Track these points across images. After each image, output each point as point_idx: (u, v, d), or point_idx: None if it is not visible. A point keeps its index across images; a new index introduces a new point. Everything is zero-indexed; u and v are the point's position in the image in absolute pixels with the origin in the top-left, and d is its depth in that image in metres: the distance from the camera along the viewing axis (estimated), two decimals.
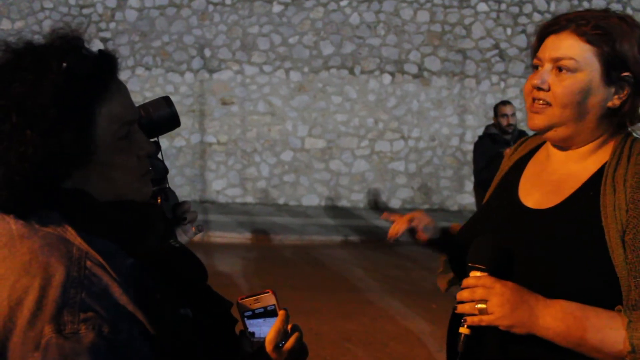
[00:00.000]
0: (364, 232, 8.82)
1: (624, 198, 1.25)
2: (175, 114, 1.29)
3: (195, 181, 10.70)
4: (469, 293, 1.26)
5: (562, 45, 1.30)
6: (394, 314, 5.28)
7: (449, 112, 10.77)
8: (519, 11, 10.77)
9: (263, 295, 1.11)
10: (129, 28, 10.55)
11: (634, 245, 1.23)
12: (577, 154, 1.38)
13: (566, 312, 1.22)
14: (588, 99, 1.30)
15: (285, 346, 1.10)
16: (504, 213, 1.47)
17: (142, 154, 1.10)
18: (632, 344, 1.18)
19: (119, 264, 1.01)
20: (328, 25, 10.61)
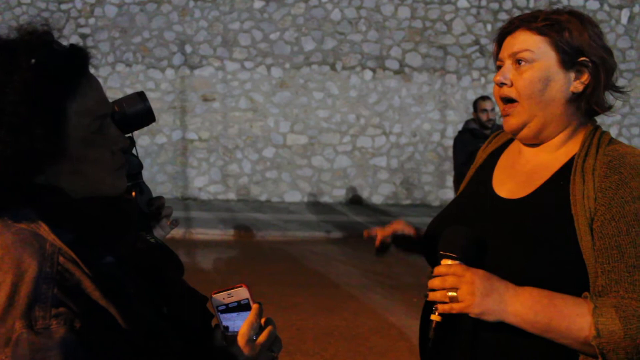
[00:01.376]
0: (345, 227, 8.85)
1: (593, 187, 1.29)
2: (150, 109, 1.29)
3: (177, 178, 10.65)
4: (440, 281, 1.28)
5: (517, 42, 1.37)
6: (376, 308, 5.31)
7: (430, 108, 10.82)
8: (498, 7, 10.84)
9: (236, 289, 1.12)
10: (108, 24, 10.46)
11: (601, 232, 1.26)
12: (549, 145, 1.42)
13: (534, 299, 1.24)
14: (549, 85, 1.35)
15: (259, 339, 1.11)
16: (477, 203, 1.50)
17: (115, 148, 1.10)
18: (597, 329, 1.20)
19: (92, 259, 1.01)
20: (309, 21, 10.61)
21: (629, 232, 1.24)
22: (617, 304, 1.22)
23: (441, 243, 1.33)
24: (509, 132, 1.45)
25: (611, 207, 1.26)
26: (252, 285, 4.07)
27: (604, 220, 1.26)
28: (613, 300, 1.23)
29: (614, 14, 11.00)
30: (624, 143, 1.38)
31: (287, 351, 4.30)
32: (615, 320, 1.20)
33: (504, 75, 1.38)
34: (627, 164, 1.29)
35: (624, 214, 1.25)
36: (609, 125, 10.84)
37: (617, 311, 1.21)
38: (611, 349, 1.20)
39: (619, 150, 1.33)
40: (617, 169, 1.28)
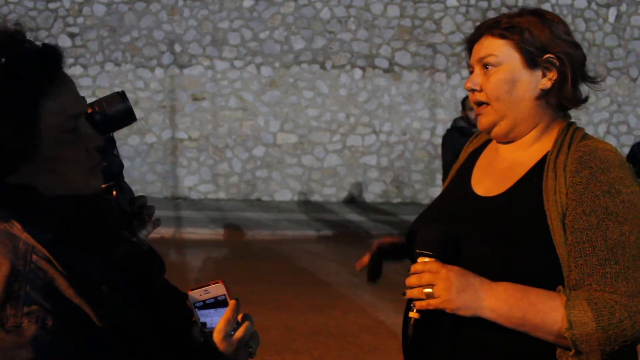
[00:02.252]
0: (336, 226, 8.86)
1: (564, 183, 1.31)
2: (130, 109, 1.29)
3: (167, 178, 10.63)
4: (417, 278, 1.30)
5: (482, 47, 1.42)
6: (366, 306, 5.33)
7: (420, 106, 10.85)
8: (487, 6, 10.88)
9: (213, 286, 1.12)
10: (97, 23, 10.42)
11: (573, 227, 1.28)
12: (523, 142, 1.45)
13: (508, 294, 1.27)
14: (516, 86, 1.39)
15: (235, 335, 1.11)
16: (456, 201, 1.53)
17: (90, 147, 1.10)
18: (569, 321, 1.22)
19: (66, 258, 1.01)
20: (299, 20, 10.61)
21: (599, 225, 1.26)
22: (590, 297, 1.24)
23: (417, 242, 1.36)
24: (482, 130, 1.50)
25: (582, 202, 1.28)
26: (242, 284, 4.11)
27: (576, 215, 1.28)
28: (586, 293, 1.26)
29: (602, 13, 11.06)
30: (596, 138, 1.40)
31: (277, 350, 4.31)
32: (587, 313, 1.22)
33: (473, 81, 1.43)
34: (597, 159, 1.31)
35: (594, 208, 1.27)
36: (597, 123, 10.92)
37: (590, 304, 1.23)
38: (584, 341, 1.22)
39: (590, 145, 1.35)
40: (588, 164, 1.30)
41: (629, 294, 1.23)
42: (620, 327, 1.22)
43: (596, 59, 10.93)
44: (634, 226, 1.26)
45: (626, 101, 11.16)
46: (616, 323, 1.21)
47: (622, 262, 1.24)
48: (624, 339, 1.23)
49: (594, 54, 10.92)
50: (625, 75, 11.15)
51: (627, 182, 1.30)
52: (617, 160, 1.32)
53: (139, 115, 10.43)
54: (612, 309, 1.22)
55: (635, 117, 11.03)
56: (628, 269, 1.24)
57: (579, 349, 1.23)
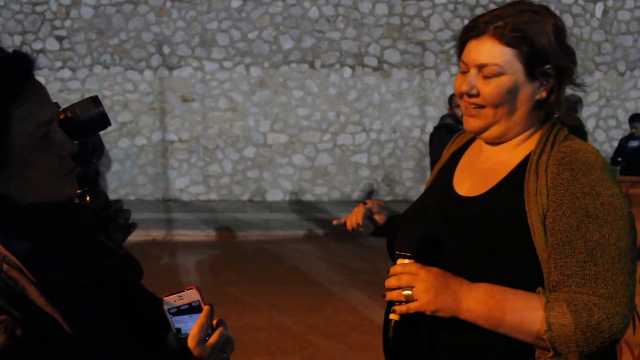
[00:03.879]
0: (327, 225, 8.85)
1: (545, 184, 1.30)
2: (104, 114, 1.29)
3: (158, 180, 10.60)
4: (396, 280, 1.30)
5: (483, 50, 1.34)
6: (356, 305, 5.34)
7: (410, 104, 10.87)
8: (475, 2, 10.91)
9: (187, 292, 1.13)
10: (85, 25, 10.38)
11: (553, 228, 1.28)
12: (509, 144, 1.43)
13: (488, 295, 1.26)
14: (517, 97, 1.35)
15: (209, 341, 1.11)
16: (437, 201, 1.52)
17: (63, 154, 1.09)
18: (548, 323, 1.22)
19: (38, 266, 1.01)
20: (287, 20, 10.60)
21: (579, 227, 1.26)
22: (569, 299, 1.24)
23: (397, 243, 1.35)
24: (470, 132, 1.46)
25: (562, 204, 1.28)
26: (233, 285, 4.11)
27: (556, 217, 1.28)
28: (565, 294, 1.25)
29: (589, 8, 11.10)
30: (578, 139, 1.39)
31: (268, 350, 4.31)
32: (566, 314, 1.22)
33: (470, 85, 1.36)
34: (579, 160, 1.30)
35: (574, 210, 1.27)
36: (586, 118, 10.96)
37: (569, 305, 1.23)
38: (562, 342, 1.22)
39: (572, 146, 1.34)
40: (569, 166, 1.30)
41: (607, 295, 1.23)
42: (598, 328, 1.22)
43: (584, 54, 10.97)
44: (614, 228, 1.26)
45: (614, 95, 11.21)
46: (594, 325, 1.22)
47: (601, 264, 1.24)
48: (602, 340, 1.23)
49: (581, 49, 10.96)
50: (613, 69, 11.20)
51: (607, 184, 1.29)
52: (599, 162, 1.31)
53: (128, 118, 10.41)
54: (590, 311, 1.22)
55: (624, 111, 11.08)
56: (607, 271, 1.24)
57: (558, 350, 1.23)
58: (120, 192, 10.26)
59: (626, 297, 1.25)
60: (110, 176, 10.26)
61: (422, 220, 1.46)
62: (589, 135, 10.76)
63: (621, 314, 1.24)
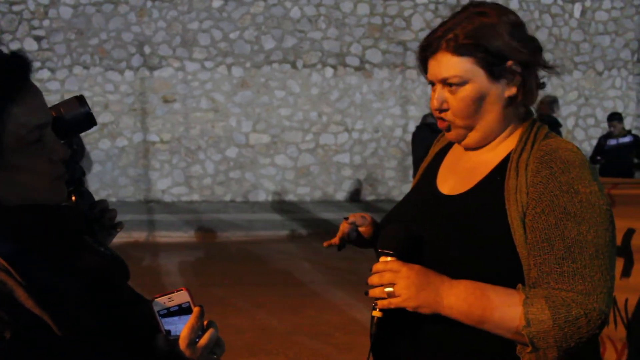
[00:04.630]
0: (310, 225, 8.87)
1: (525, 182, 1.32)
2: (90, 114, 1.27)
3: (139, 181, 10.53)
4: (378, 277, 1.31)
5: (442, 66, 1.36)
6: (340, 305, 5.34)
7: (392, 104, 10.91)
8: (456, 2, 10.98)
9: (177, 293, 1.12)
10: (64, 25, 10.28)
11: (532, 226, 1.29)
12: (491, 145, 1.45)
13: (468, 292, 1.28)
14: (485, 101, 1.37)
15: (200, 342, 1.11)
16: (421, 200, 1.53)
17: (55, 158, 1.09)
18: (527, 319, 1.24)
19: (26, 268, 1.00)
20: (269, 20, 10.59)
21: (557, 225, 1.28)
22: (548, 295, 1.26)
23: (379, 241, 1.37)
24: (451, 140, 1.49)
25: (541, 201, 1.30)
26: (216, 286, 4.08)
27: (535, 214, 1.30)
28: (544, 291, 1.27)
29: (567, 8, 11.23)
30: (559, 137, 1.41)
31: (251, 352, 4.30)
32: (544, 310, 1.24)
33: (440, 100, 1.39)
34: (558, 159, 1.32)
35: (553, 207, 1.28)
36: (565, 117, 11.09)
37: (547, 301, 1.25)
38: (541, 338, 1.24)
39: (552, 145, 1.35)
40: (548, 164, 1.32)
41: (585, 292, 1.25)
42: (576, 324, 1.24)
43: (563, 54, 11.10)
44: (592, 226, 1.28)
45: (593, 94, 11.36)
46: (572, 320, 1.23)
47: (579, 260, 1.26)
48: (580, 335, 1.25)
49: (560, 48, 11.09)
50: (592, 69, 11.35)
51: (586, 182, 1.30)
52: (578, 160, 1.32)
53: (109, 119, 10.32)
54: (568, 307, 1.24)
55: (602, 110, 11.23)
56: (585, 267, 1.26)
57: (536, 345, 1.24)
58: (102, 193, 10.17)
59: (604, 294, 1.27)
60: (91, 178, 10.17)
61: (406, 219, 1.47)
62: (568, 134, 10.90)
63: (599, 310, 1.25)
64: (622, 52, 11.48)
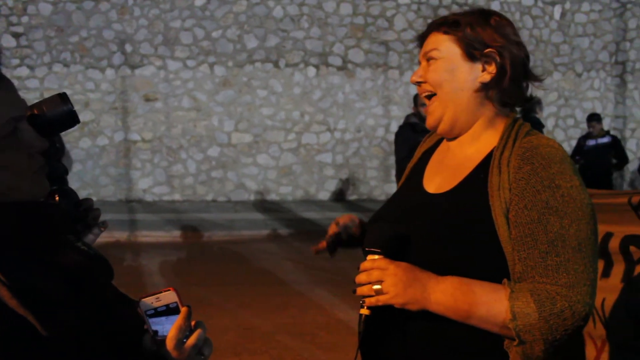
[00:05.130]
0: (292, 224, 8.87)
1: (507, 178, 1.35)
2: (72, 112, 1.25)
3: (120, 180, 10.44)
4: (366, 275, 1.32)
5: (428, 43, 1.48)
6: (323, 304, 5.35)
7: (374, 103, 10.94)
8: (438, 3, 11.05)
9: (165, 293, 1.11)
10: (43, 22, 10.15)
11: (516, 221, 1.32)
12: (469, 136, 1.48)
13: (454, 287, 1.30)
14: (455, 75, 1.44)
15: (188, 342, 1.10)
16: (408, 199, 1.56)
17: (33, 152, 1.07)
18: (513, 313, 1.26)
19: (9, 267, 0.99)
20: (252, 19, 10.56)
21: (540, 220, 1.30)
22: (533, 288, 1.28)
23: (366, 240, 1.38)
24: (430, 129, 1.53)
25: (524, 197, 1.32)
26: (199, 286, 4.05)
27: (518, 210, 1.32)
28: (529, 285, 1.30)
29: (547, 10, 11.36)
30: (540, 134, 1.44)
31: (235, 352, 4.29)
32: (530, 304, 1.26)
33: (417, 74, 1.49)
34: (539, 155, 1.35)
35: (535, 202, 1.31)
36: (546, 117, 11.21)
37: (532, 295, 1.27)
38: (527, 331, 1.26)
39: (533, 141, 1.38)
40: (530, 160, 1.34)
41: (569, 285, 1.28)
42: (561, 316, 1.26)
43: (543, 55, 11.22)
44: (574, 220, 1.30)
45: (572, 95, 11.50)
46: (557, 313, 1.26)
47: (562, 254, 1.29)
48: (565, 327, 1.27)
49: (541, 50, 11.20)
50: (571, 70, 11.48)
51: (567, 177, 1.33)
52: (558, 155, 1.36)
53: (89, 117, 10.22)
54: (553, 300, 1.26)
55: (581, 110, 11.38)
56: (568, 261, 1.29)
57: (522, 338, 1.27)
58: (82, 193, 10.06)
59: (587, 286, 1.30)
60: (71, 177, 10.05)
61: (392, 218, 1.49)
62: (548, 134, 11.01)
63: (583, 302, 1.28)
64: (600, 54, 11.63)
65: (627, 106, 11.81)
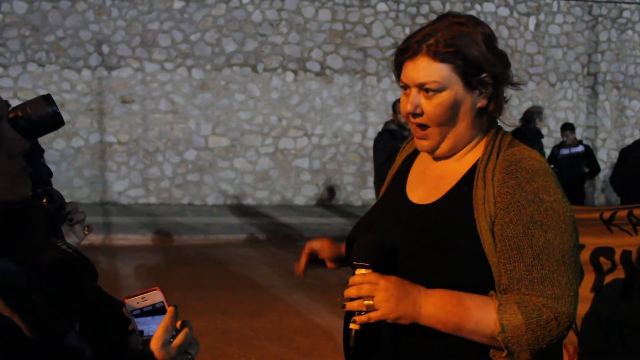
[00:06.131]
0: (269, 229, 8.85)
1: (492, 192, 1.36)
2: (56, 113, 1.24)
3: (95, 183, 10.32)
4: (356, 290, 1.32)
5: (420, 69, 1.37)
6: (300, 309, 5.36)
7: (351, 109, 10.99)
8: (416, 11, 11.16)
9: (150, 293, 1.11)
10: (17, 21, 10.00)
11: (501, 235, 1.34)
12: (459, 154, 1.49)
13: (444, 300, 1.31)
14: (459, 109, 1.40)
15: (174, 343, 1.10)
16: (392, 208, 1.55)
17: (15, 152, 1.05)
18: (502, 325, 1.29)
19: None
20: (230, 23, 10.54)
21: (525, 234, 1.33)
22: (520, 301, 1.31)
23: (354, 253, 1.37)
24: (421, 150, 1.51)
25: (509, 211, 1.34)
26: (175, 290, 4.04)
27: (504, 224, 1.34)
28: (516, 297, 1.32)
29: (523, 21, 11.55)
30: (522, 145, 1.45)
31: (212, 355, 4.28)
32: (517, 316, 1.29)
33: (414, 104, 1.40)
34: (523, 169, 1.36)
35: (520, 217, 1.33)
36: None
37: (520, 307, 1.30)
38: (515, 342, 1.29)
39: (517, 154, 1.40)
40: (514, 174, 1.36)
41: (554, 296, 1.31)
42: (547, 327, 1.29)
43: (518, 65, 11.39)
44: (557, 233, 1.33)
45: (546, 105, 11.68)
46: (544, 324, 1.29)
47: (547, 267, 1.31)
48: (551, 338, 1.31)
49: (516, 60, 11.37)
50: (545, 80, 11.68)
51: (550, 191, 1.35)
52: (542, 168, 1.38)
53: (65, 118, 10.05)
54: (539, 312, 1.29)
55: (555, 120, 11.57)
56: (553, 273, 1.31)
57: (511, 349, 1.29)
58: None
59: (571, 297, 1.33)
60: None
61: (378, 228, 1.49)
62: None
63: (567, 313, 1.32)
64: (573, 65, 11.85)
65: (598, 116, 12.05)
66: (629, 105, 12.15)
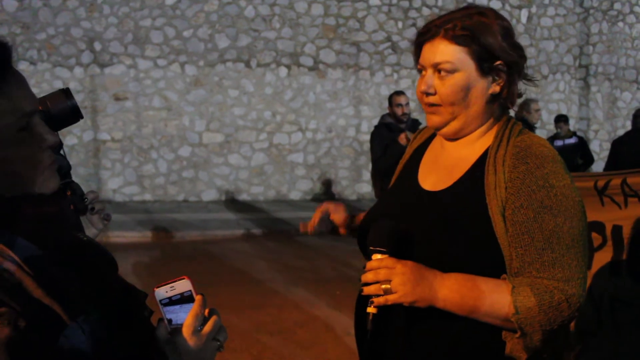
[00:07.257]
0: (265, 224, 8.87)
1: (503, 177, 1.40)
2: (76, 107, 1.26)
3: (90, 180, 10.29)
4: (373, 275, 1.35)
5: (437, 51, 1.43)
6: (300, 303, 5.38)
7: (345, 104, 11.01)
8: (409, 5, 11.17)
9: (178, 282, 1.13)
10: (8, 19, 9.94)
11: (512, 219, 1.37)
12: (467, 139, 1.52)
13: (460, 284, 1.35)
14: (470, 92, 1.44)
15: (204, 329, 1.12)
16: (404, 196, 1.59)
17: (44, 146, 1.07)
18: (515, 307, 1.32)
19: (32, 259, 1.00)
20: (223, 18, 10.52)
21: (536, 218, 1.36)
22: (532, 283, 1.35)
23: (370, 239, 1.40)
24: (432, 128, 1.54)
25: (520, 196, 1.38)
26: None
27: (514, 208, 1.37)
28: (528, 279, 1.36)
29: (515, 14, 11.59)
30: (532, 133, 1.50)
31: None
32: (530, 298, 1.32)
33: (428, 84, 1.45)
34: (533, 154, 1.40)
35: (531, 202, 1.37)
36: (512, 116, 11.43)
37: (532, 289, 1.33)
38: (528, 323, 1.33)
39: (526, 141, 1.44)
40: (524, 160, 1.40)
41: (564, 279, 1.34)
42: (559, 309, 1.33)
43: None
44: (567, 217, 1.36)
45: (538, 97, 11.73)
46: (555, 306, 1.33)
47: (557, 250, 1.35)
48: (562, 319, 1.34)
49: None
50: (537, 72, 11.73)
51: (559, 176, 1.39)
52: (551, 154, 1.41)
53: None
54: (551, 294, 1.33)
55: (547, 112, 11.63)
56: (563, 256, 1.35)
57: (524, 330, 1.33)
58: None
59: (580, 279, 1.37)
60: None
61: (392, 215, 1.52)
62: None
63: (577, 295, 1.35)
64: (565, 57, 11.92)
65: (590, 108, 12.12)
66: (620, 97, 12.23)
